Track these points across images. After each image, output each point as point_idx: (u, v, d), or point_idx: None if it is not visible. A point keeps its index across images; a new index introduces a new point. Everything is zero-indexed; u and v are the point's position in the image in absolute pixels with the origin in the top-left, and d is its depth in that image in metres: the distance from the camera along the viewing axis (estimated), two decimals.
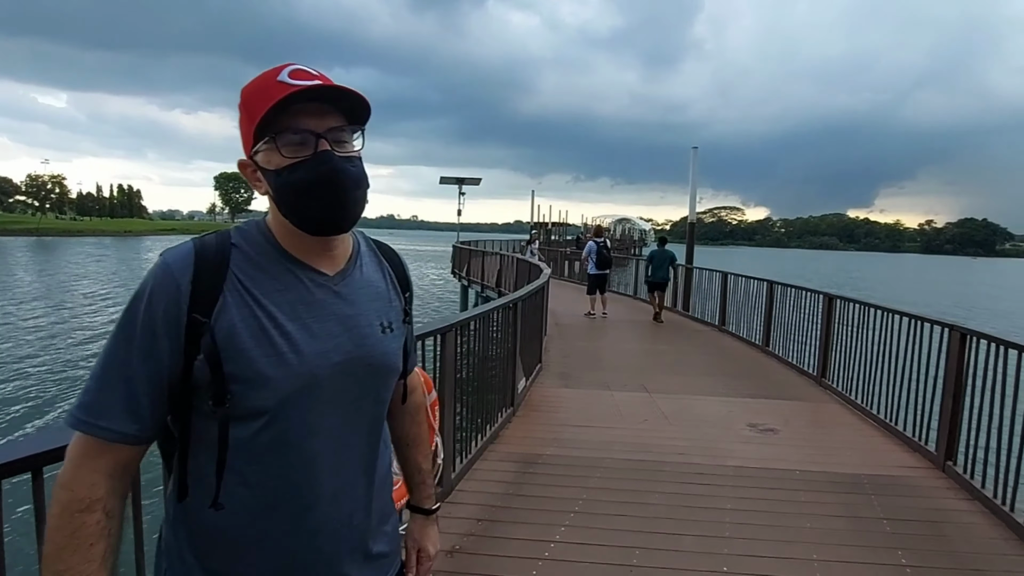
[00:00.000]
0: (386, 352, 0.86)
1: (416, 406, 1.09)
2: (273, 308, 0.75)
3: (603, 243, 9.61)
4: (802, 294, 6.07)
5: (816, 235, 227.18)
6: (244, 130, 0.78)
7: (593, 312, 9.30)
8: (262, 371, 0.73)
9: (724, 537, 2.60)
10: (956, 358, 3.37)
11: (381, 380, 0.87)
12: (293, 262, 0.79)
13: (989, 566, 2.44)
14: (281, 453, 0.76)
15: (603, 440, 3.80)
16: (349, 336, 0.81)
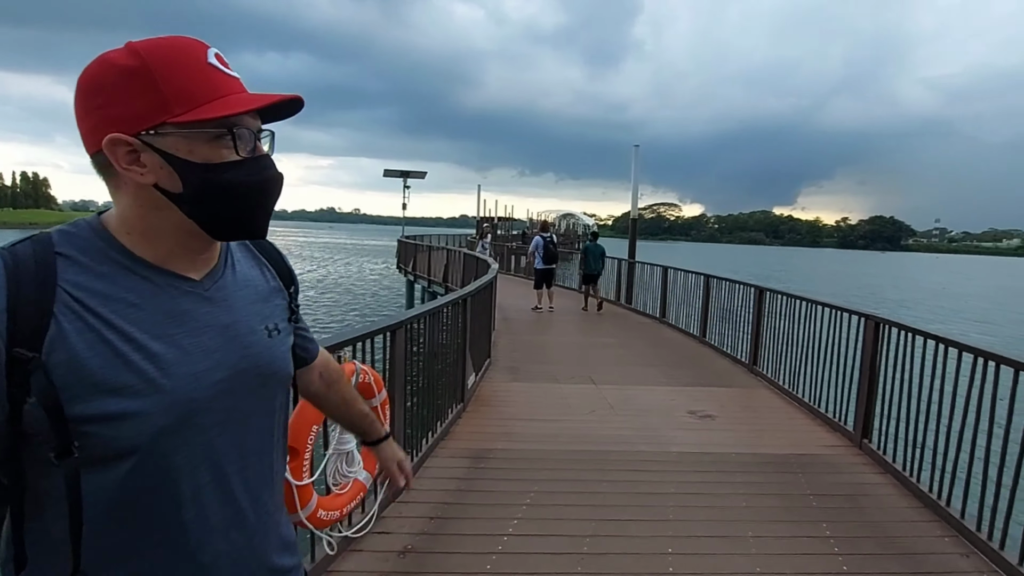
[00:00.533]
0: (275, 357, 0.78)
1: (338, 372, 1.10)
2: (129, 327, 0.63)
3: (549, 238, 9.76)
4: (735, 287, 6.42)
5: (746, 231, 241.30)
6: (135, 103, 0.62)
7: (540, 306, 9.43)
8: (124, 405, 0.61)
9: (668, 520, 2.72)
10: (871, 345, 3.68)
11: (274, 389, 0.80)
12: (149, 269, 0.67)
13: (900, 532, 2.70)
14: (159, 495, 0.65)
15: (552, 432, 3.86)
16: (231, 347, 0.72)
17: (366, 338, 2.36)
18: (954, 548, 2.58)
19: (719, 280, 6.92)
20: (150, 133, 0.63)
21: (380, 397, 1.72)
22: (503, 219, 39.94)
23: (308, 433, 1.41)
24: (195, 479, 0.68)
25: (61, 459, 0.59)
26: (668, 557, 2.42)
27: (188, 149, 0.64)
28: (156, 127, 0.63)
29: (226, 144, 0.66)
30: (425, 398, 3.34)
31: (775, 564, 2.40)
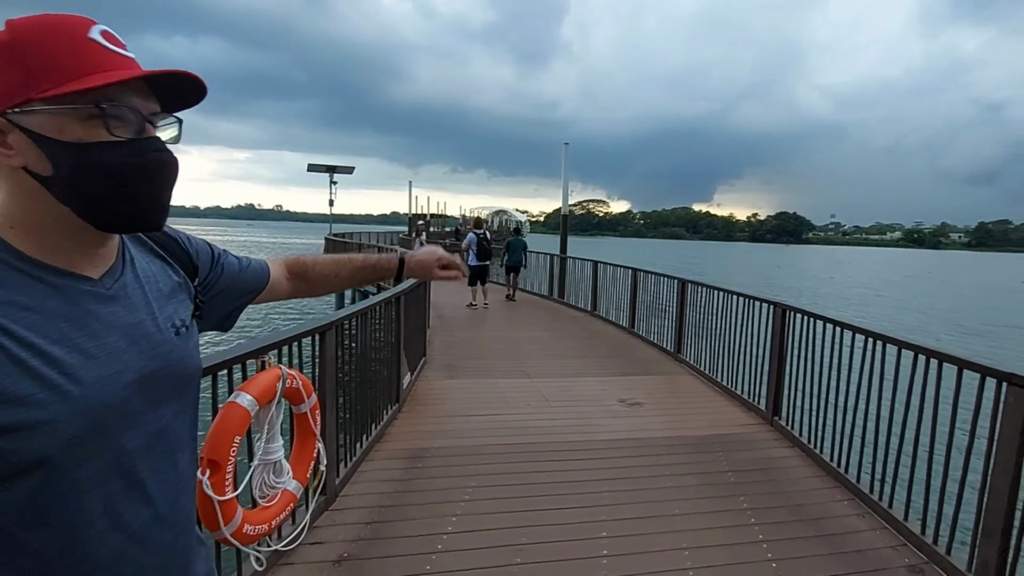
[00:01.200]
0: (184, 356, 0.75)
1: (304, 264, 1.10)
2: (26, 332, 0.58)
3: (483, 234, 9.78)
4: (661, 280, 6.75)
5: (669, 226, 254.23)
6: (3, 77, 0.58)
7: (475, 303, 9.44)
8: (28, 416, 0.56)
9: (602, 505, 2.83)
10: (778, 330, 4.01)
11: (185, 389, 0.76)
12: (41, 268, 0.62)
13: (807, 499, 2.98)
14: (69, 509, 0.61)
15: (489, 427, 3.88)
16: (138, 348, 0.68)
17: (293, 341, 2.25)
18: (852, 510, 2.88)
19: (645, 273, 7.25)
20: (16, 111, 0.58)
21: (310, 402, 1.64)
22: (436, 216, 39.46)
23: (230, 445, 1.33)
24: (107, 488, 0.64)
25: None
26: (602, 540, 2.52)
27: (58, 128, 0.60)
28: (22, 104, 0.58)
29: (98, 123, 0.61)
30: (359, 400, 3.25)
31: (699, 538, 2.56)
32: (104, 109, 0.60)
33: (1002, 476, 2.14)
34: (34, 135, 0.59)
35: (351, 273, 1.14)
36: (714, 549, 2.48)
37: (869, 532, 2.66)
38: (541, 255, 11.65)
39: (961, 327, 18.65)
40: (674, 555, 2.43)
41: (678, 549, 2.47)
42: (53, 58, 0.59)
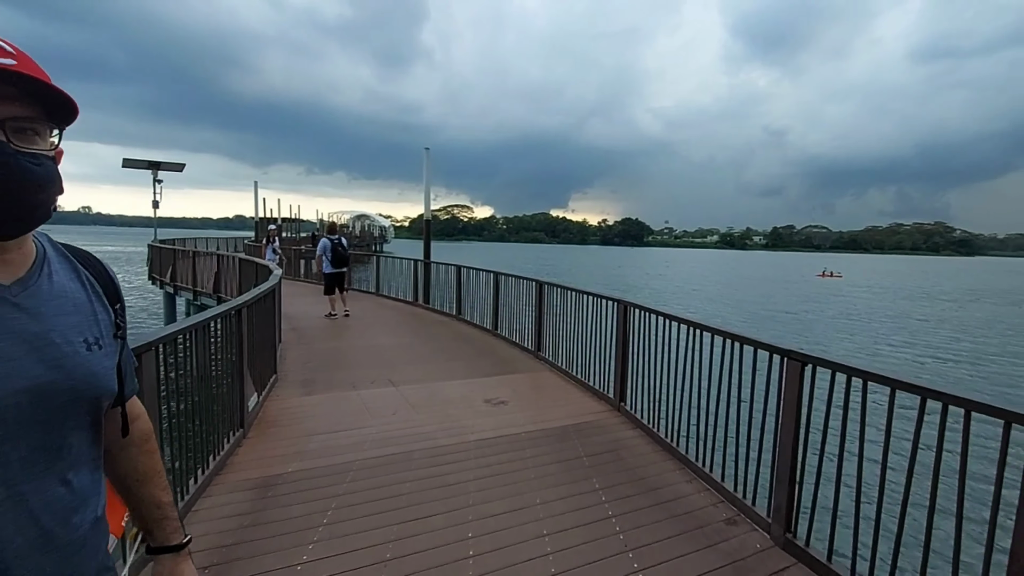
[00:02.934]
0: (95, 372, 0.73)
1: (144, 435, 0.96)
2: None
3: (338, 240, 9.20)
4: (520, 282, 7.06)
5: (530, 231, 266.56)
6: None
7: (334, 312, 8.93)
8: None
9: (469, 506, 2.87)
10: (622, 324, 4.46)
11: (89, 407, 0.73)
12: None
13: (648, 473, 3.35)
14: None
15: (352, 442, 3.70)
16: (38, 357, 0.67)
17: None
18: (683, 478, 3.30)
19: (506, 276, 7.52)
20: None
21: None
22: (288, 220, 36.36)
23: None
24: None
25: None
26: (469, 541, 2.55)
27: None
28: None
29: None
30: (192, 429, 2.86)
31: (558, 523, 2.73)
32: None
33: (787, 434, 2.63)
34: None
35: (145, 495, 0.93)
36: (571, 532, 2.66)
37: (695, 495, 3.09)
38: (404, 260, 11.44)
39: (756, 314, 22.54)
40: (536, 543, 2.55)
41: (539, 537, 2.61)
42: None
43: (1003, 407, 1.78)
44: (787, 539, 2.58)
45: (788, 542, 2.57)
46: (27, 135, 0.66)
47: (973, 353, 14.90)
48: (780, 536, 2.61)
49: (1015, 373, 12.40)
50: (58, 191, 0.71)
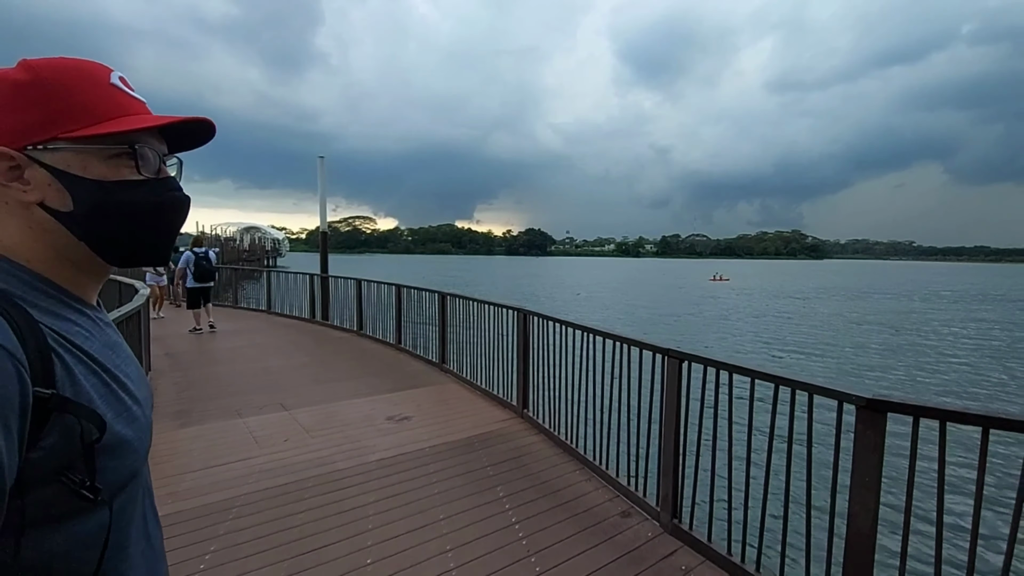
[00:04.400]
0: None
1: None
2: (99, 358, 0.64)
3: (204, 253, 8.58)
4: (423, 294, 6.96)
5: (436, 242, 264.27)
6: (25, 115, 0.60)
7: (199, 327, 8.37)
8: (125, 433, 0.62)
9: (368, 530, 2.74)
10: (522, 333, 4.56)
11: None
12: (75, 300, 0.67)
13: (550, 476, 3.43)
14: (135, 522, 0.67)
15: (235, 475, 3.38)
16: (141, 375, 0.74)
17: None
18: (582, 477, 3.43)
19: (408, 289, 7.37)
20: (38, 148, 0.61)
21: None
22: None
23: None
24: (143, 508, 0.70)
25: (95, 493, 0.57)
26: (367, 568, 2.44)
27: (81, 166, 0.63)
28: (45, 142, 0.61)
29: (126, 163, 0.65)
30: None
31: (461, 536, 2.71)
32: (136, 150, 0.65)
33: (669, 427, 2.85)
34: (56, 171, 0.61)
35: None
36: (475, 543, 2.65)
37: (594, 492, 3.22)
38: (300, 275, 10.78)
39: (645, 319, 24.26)
40: (438, 560, 2.51)
41: (443, 553, 2.56)
42: (82, 100, 0.62)
43: (844, 390, 2.06)
44: (674, 525, 2.78)
45: (675, 528, 2.77)
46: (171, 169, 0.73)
47: (832, 344, 17.24)
48: (668, 523, 2.81)
49: (859, 361, 14.53)
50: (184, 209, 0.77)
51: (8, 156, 0.59)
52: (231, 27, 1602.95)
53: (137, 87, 0.70)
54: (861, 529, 1.96)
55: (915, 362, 13.99)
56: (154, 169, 0.68)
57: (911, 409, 1.86)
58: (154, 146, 0.68)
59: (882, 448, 1.92)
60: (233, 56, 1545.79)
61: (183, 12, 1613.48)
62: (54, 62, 0.63)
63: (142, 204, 0.66)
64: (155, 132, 0.69)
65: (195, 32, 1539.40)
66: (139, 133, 0.66)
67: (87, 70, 0.64)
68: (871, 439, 1.93)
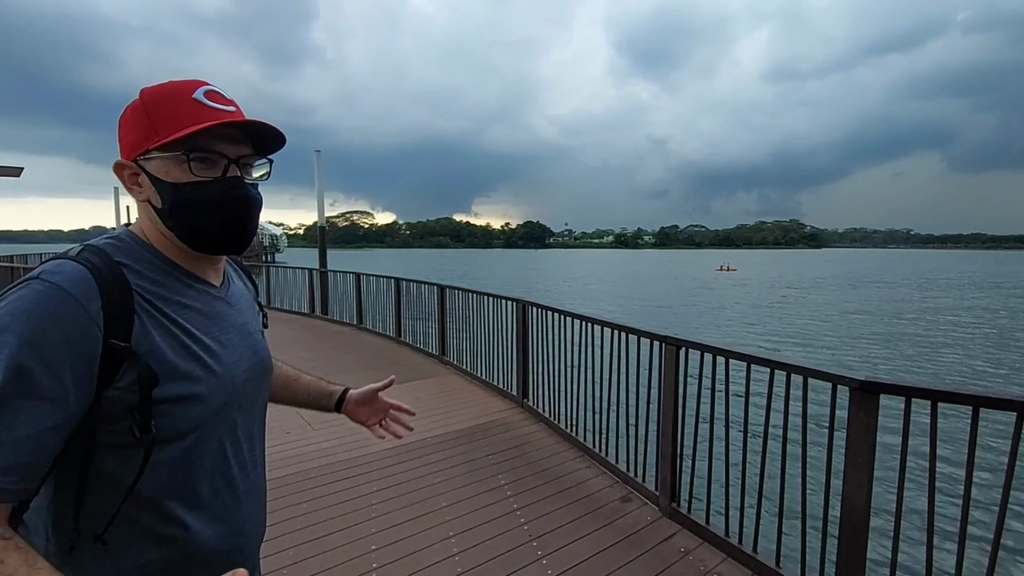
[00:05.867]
0: (268, 354, 0.95)
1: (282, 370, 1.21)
2: (187, 324, 0.76)
3: None
4: (422, 287, 6.98)
5: (434, 236, 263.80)
6: (135, 133, 0.75)
7: None
8: (193, 389, 0.73)
9: (371, 519, 2.79)
10: (521, 324, 4.58)
11: (268, 380, 0.96)
12: (189, 276, 0.81)
13: (551, 463, 3.48)
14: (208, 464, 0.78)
15: None
16: (247, 343, 0.87)
17: None
18: (582, 464, 3.48)
19: (407, 282, 7.39)
20: (142, 158, 0.76)
21: None
22: None
23: None
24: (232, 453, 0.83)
25: (144, 433, 0.69)
26: (372, 554, 2.48)
27: (164, 170, 0.75)
28: (145, 153, 0.75)
29: (195, 166, 0.75)
30: None
31: (464, 523, 2.75)
32: (189, 156, 0.74)
33: (667, 413, 2.88)
34: (151, 176, 0.76)
35: (303, 386, 1.22)
36: (477, 529, 2.69)
37: (594, 479, 3.27)
38: (299, 270, 10.79)
39: (645, 309, 24.31)
40: (442, 546, 2.55)
41: (446, 539, 2.60)
42: (165, 115, 0.73)
43: (838, 373, 2.09)
44: (673, 509, 2.82)
45: (674, 511, 2.81)
46: (249, 168, 0.82)
47: (842, 328, 17.32)
48: (667, 507, 2.85)
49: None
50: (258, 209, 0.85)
51: (128, 166, 0.77)
52: (224, 22, 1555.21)
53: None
54: (855, 507, 2.00)
55: (918, 351, 14.07)
56: (218, 170, 0.77)
57: (903, 390, 1.90)
58: (221, 149, 0.77)
59: (875, 429, 1.96)
60: (226, 51, 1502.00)
61: (175, 7, 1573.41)
62: (161, 86, 0.77)
63: (204, 201, 0.77)
64: (233, 136, 0.78)
65: (188, 27, 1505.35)
66: (205, 140, 0.75)
67: (176, 88, 0.76)
68: (864, 420, 1.96)
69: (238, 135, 0.79)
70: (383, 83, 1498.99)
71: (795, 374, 2.24)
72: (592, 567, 2.40)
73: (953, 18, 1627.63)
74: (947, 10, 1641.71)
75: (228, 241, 0.81)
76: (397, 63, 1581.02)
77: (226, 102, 0.78)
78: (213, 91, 0.77)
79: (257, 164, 0.84)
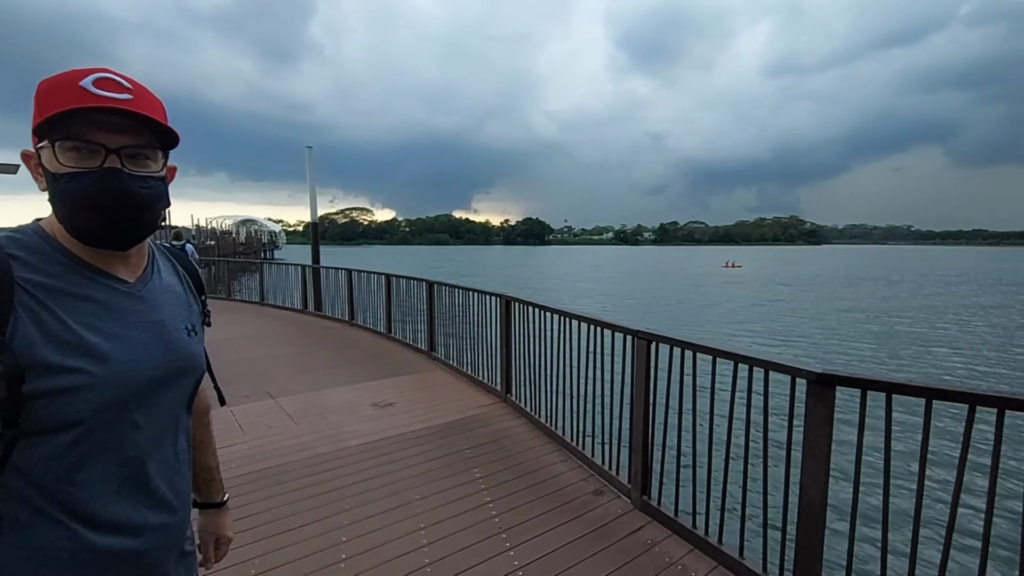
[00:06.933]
0: (195, 355, 0.89)
1: (205, 407, 1.12)
2: (76, 318, 0.73)
3: (180, 246, 8.88)
4: (411, 283, 6.99)
5: (433, 232, 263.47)
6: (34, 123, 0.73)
7: None
8: (71, 382, 0.70)
9: (344, 511, 2.81)
10: (505, 319, 4.60)
11: (190, 383, 0.89)
12: (90, 269, 0.78)
13: (528, 457, 3.50)
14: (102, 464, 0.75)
15: (221, 461, 3.42)
16: (159, 342, 0.82)
17: None
18: (559, 458, 3.50)
19: (398, 278, 7.40)
20: (39, 146, 0.74)
21: None
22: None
23: None
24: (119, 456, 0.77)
25: (8, 428, 0.66)
26: (342, 545, 2.50)
27: (48, 159, 0.74)
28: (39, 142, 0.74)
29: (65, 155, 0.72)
30: None
31: (435, 515, 2.77)
32: (54, 143, 0.72)
33: (639, 407, 2.90)
34: (42, 165, 0.75)
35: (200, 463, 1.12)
36: (448, 522, 2.71)
37: (569, 472, 3.29)
38: (292, 267, 10.80)
39: (625, 304, 24.32)
40: (412, 538, 2.57)
41: (416, 531, 2.63)
42: (47, 103, 0.71)
43: (796, 366, 2.10)
44: (643, 501, 2.84)
45: (644, 504, 2.83)
46: (140, 160, 0.76)
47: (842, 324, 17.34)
48: (638, 500, 2.87)
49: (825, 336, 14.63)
50: (164, 206, 0.81)
51: (32, 155, 0.76)
52: (223, 18, 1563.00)
53: None
54: (813, 498, 2.02)
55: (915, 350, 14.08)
56: (97, 161, 0.73)
57: (858, 382, 1.91)
58: (96, 139, 0.72)
59: (831, 420, 1.97)
60: (224, 47, 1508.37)
61: (173, 3, 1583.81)
62: (56, 75, 0.74)
63: (77, 193, 0.73)
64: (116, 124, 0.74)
65: (185, 23, 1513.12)
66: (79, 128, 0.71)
67: (68, 76, 0.72)
68: (820, 412, 1.98)
69: (129, 124, 0.75)
70: (381, 79, 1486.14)
71: (757, 367, 2.25)
72: (558, 559, 2.42)
73: (957, 11, 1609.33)
74: (950, 3, 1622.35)
75: (112, 236, 0.77)
76: (394, 58, 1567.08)
77: (120, 90, 0.74)
78: (107, 79, 0.73)
79: (153, 155, 0.78)
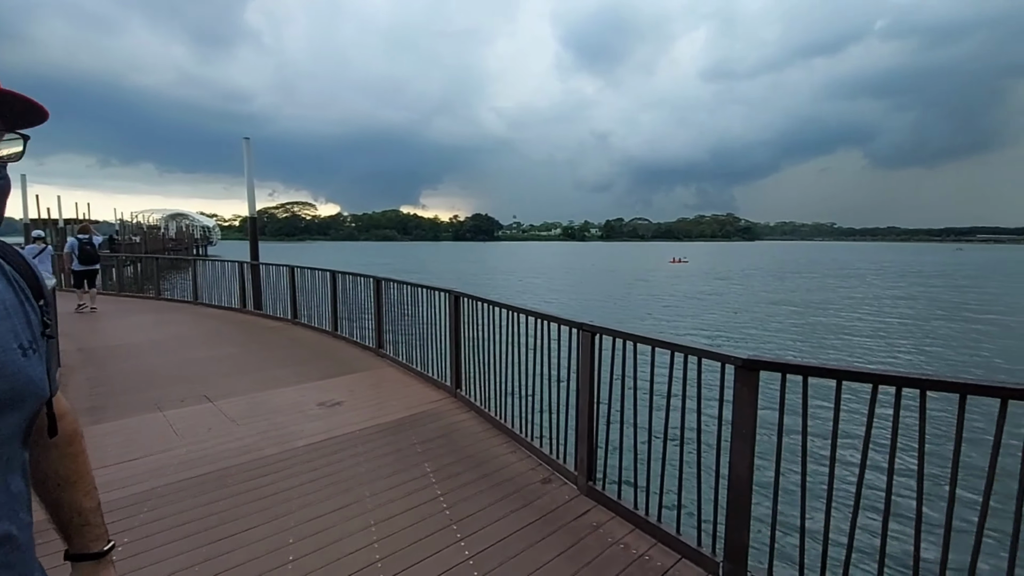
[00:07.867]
0: (32, 378, 0.70)
1: (69, 435, 0.91)
2: None
3: (87, 239, 9.68)
4: (358, 280, 6.85)
5: (380, 228, 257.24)
6: None
7: (82, 303, 9.52)
8: None
9: (291, 512, 2.76)
10: (454, 315, 4.62)
11: (24, 412, 0.70)
12: None
13: (477, 449, 3.55)
14: None
15: (152, 468, 3.27)
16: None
17: None
18: (508, 449, 3.57)
19: (343, 275, 7.23)
20: None
21: None
22: (76, 221, 30.05)
23: None
24: None
25: None
26: (290, 547, 2.46)
27: None
28: None
29: None
30: None
31: (386, 512, 2.78)
32: None
33: (584, 396, 3.02)
34: None
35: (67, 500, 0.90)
36: (398, 517, 2.73)
37: (517, 462, 3.37)
38: (228, 263, 10.29)
39: (571, 300, 24.97)
40: (362, 535, 2.56)
41: (366, 528, 2.62)
42: None
43: (726, 353, 2.27)
44: (589, 487, 2.97)
45: (590, 489, 2.96)
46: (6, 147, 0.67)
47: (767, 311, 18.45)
48: (584, 486, 2.99)
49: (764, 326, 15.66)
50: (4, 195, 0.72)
51: None
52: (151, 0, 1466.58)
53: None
54: (740, 475, 2.19)
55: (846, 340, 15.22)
56: None
57: (779, 367, 2.10)
58: None
59: (756, 402, 2.15)
60: (152, 31, 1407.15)
61: None
62: None
63: None
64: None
65: (111, 3, 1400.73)
66: None
67: None
68: (746, 395, 2.15)
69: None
70: (324, 71, 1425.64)
71: (691, 355, 2.41)
72: (508, 546, 2.50)
73: (872, 26, 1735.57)
74: (867, 17, 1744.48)
75: None
76: (340, 50, 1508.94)
77: None
78: None
79: (6, 140, 0.70)
